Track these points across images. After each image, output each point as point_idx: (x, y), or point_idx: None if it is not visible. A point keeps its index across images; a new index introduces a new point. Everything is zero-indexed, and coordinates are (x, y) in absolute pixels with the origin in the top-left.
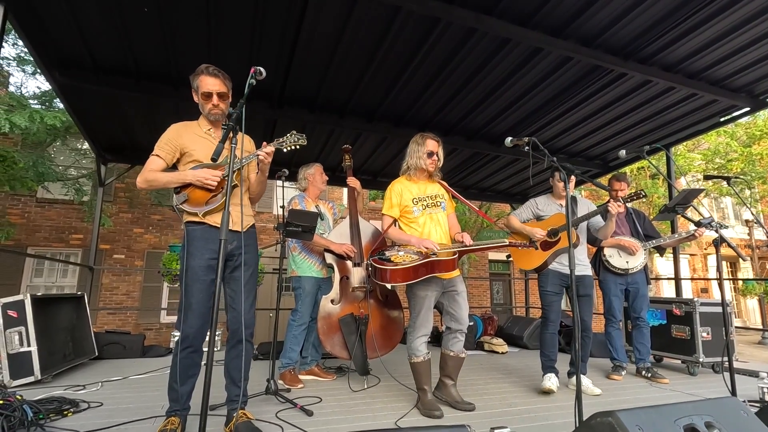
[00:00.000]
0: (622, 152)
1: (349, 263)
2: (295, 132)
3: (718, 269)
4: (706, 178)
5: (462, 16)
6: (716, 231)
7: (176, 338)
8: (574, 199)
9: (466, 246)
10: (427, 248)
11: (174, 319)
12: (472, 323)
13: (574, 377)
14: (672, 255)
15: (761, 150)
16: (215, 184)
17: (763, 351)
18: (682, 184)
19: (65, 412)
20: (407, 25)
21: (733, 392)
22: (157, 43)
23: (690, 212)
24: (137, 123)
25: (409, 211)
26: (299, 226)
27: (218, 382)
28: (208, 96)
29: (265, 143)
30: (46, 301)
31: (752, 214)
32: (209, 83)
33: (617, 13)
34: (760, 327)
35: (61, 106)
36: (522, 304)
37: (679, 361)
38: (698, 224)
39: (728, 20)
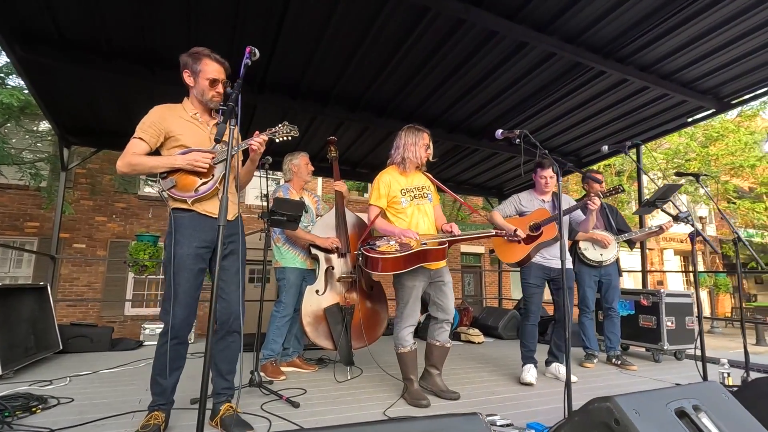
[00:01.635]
0: (605, 147)
1: (333, 255)
2: (287, 123)
3: (693, 262)
4: (678, 174)
5: (452, 6)
6: (692, 226)
7: (150, 330)
8: (555, 194)
9: (454, 236)
10: (408, 238)
11: (140, 311)
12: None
13: (552, 365)
14: (639, 249)
15: (717, 151)
16: (207, 166)
17: (712, 339)
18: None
19: (33, 409)
20: (397, 12)
21: (705, 377)
22: (132, 17)
23: (669, 207)
24: (106, 104)
25: (397, 201)
26: (284, 215)
27: (193, 374)
28: (214, 82)
29: (257, 132)
30: (5, 291)
31: (719, 210)
32: (216, 70)
33: (600, 11)
34: (710, 317)
35: (17, 83)
36: (493, 296)
37: (644, 350)
38: (676, 218)
39: (701, 24)
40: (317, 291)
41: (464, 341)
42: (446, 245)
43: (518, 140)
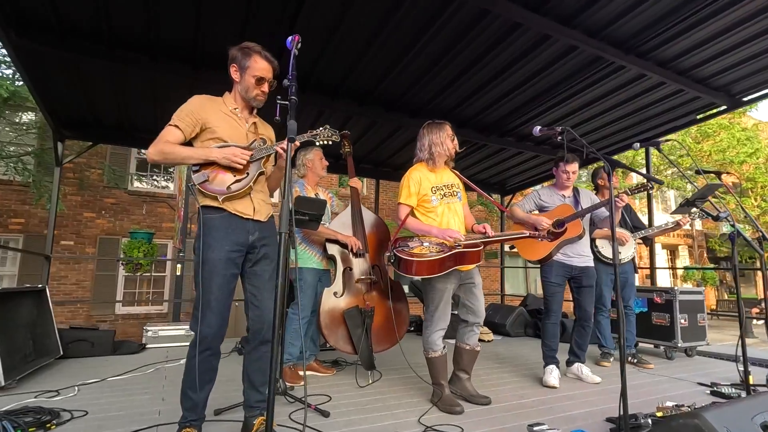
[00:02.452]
0: (636, 144)
1: (350, 255)
2: (328, 126)
3: (734, 263)
4: (698, 172)
5: None
6: (732, 225)
7: (152, 332)
8: (576, 190)
9: (489, 237)
10: (452, 238)
11: (131, 310)
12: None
13: (574, 365)
14: (648, 246)
15: (708, 147)
16: (244, 163)
17: None
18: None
19: (48, 425)
20: (420, 1)
21: (746, 379)
22: (139, 4)
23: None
24: (104, 96)
25: (428, 200)
26: (306, 214)
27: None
28: (260, 81)
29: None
30: (4, 296)
31: (742, 208)
32: (264, 68)
33: (626, 6)
34: (715, 311)
35: (5, 72)
36: (496, 292)
37: (652, 346)
38: (716, 218)
39: (721, 22)
40: (335, 293)
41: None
42: (482, 247)
43: (560, 138)
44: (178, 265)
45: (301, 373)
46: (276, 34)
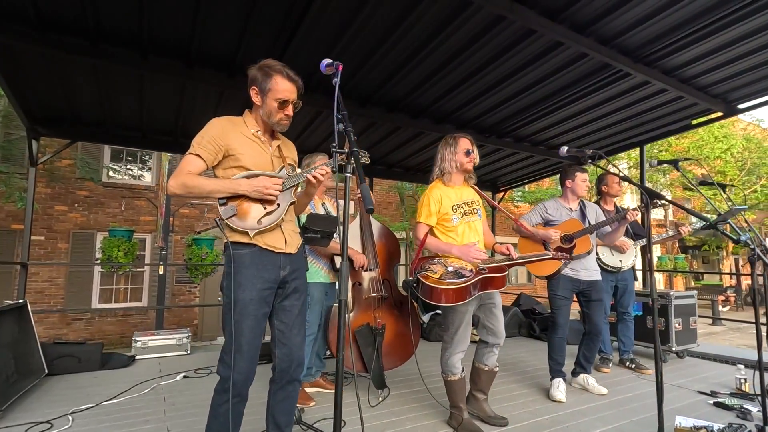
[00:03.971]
0: (654, 161)
1: (359, 269)
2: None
3: (752, 285)
4: (701, 183)
5: (496, 1)
6: (752, 249)
7: (142, 342)
8: (582, 202)
9: (513, 260)
10: (475, 259)
11: (108, 306)
12: None
13: (580, 376)
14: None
15: (688, 144)
16: (276, 194)
17: None
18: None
19: None
20: (435, 4)
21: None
22: None
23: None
24: (84, 92)
25: (448, 219)
26: (318, 232)
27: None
28: (283, 104)
29: (322, 158)
30: None
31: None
32: (287, 89)
33: (640, 16)
34: (713, 317)
35: None
36: None
37: (643, 347)
38: (737, 242)
39: (726, 35)
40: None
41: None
42: (506, 271)
43: (589, 160)
44: (160, 264)
45: (308, 390)
46: (280, 34)
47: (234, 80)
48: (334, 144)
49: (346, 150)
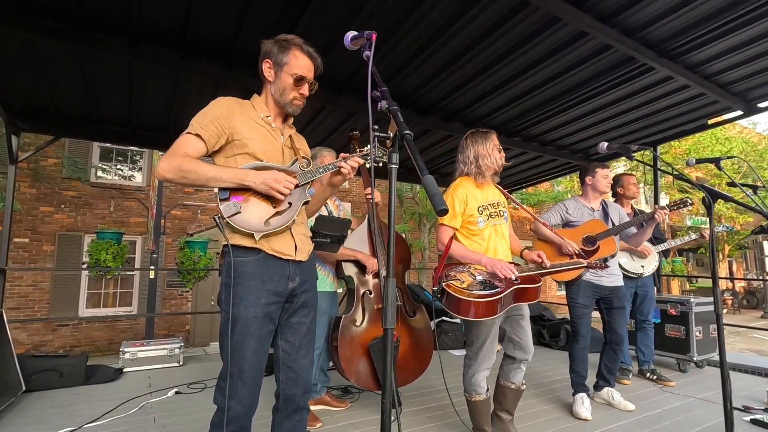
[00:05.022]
0: (692, 159)
1: (370, 275)
2: (378, 144)
3: None
4: (729, 185)
5: None
6: None
7: (131, 354)
8: (605, 202)
9: (546, 270)
10: (505, 275)
11: (97, 311)
12: (459, 321)
13: (603, 390)
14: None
15: (689, 145)
16: (288, 193)
17: None
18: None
19: None
20: None
21: None
22: None
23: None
24: (70, 85)
25: (473, 221)
26: (327, 236)
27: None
28: (299, 81)
29: (345, 154)
30: None
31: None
32: (305, 65)
33: (666, 8)
34: (731, 324)
35: None
36: None
37: (659, 356)
38: None
39: (751, 31)
40: (354, 322)
41: None
42: (540, 281)
43: (633, 155)
44: (151, 269)
45: (314, 408)
46: (281, 24)
47: (231, 72)
48: (375, 126)
49: (391, 134)
